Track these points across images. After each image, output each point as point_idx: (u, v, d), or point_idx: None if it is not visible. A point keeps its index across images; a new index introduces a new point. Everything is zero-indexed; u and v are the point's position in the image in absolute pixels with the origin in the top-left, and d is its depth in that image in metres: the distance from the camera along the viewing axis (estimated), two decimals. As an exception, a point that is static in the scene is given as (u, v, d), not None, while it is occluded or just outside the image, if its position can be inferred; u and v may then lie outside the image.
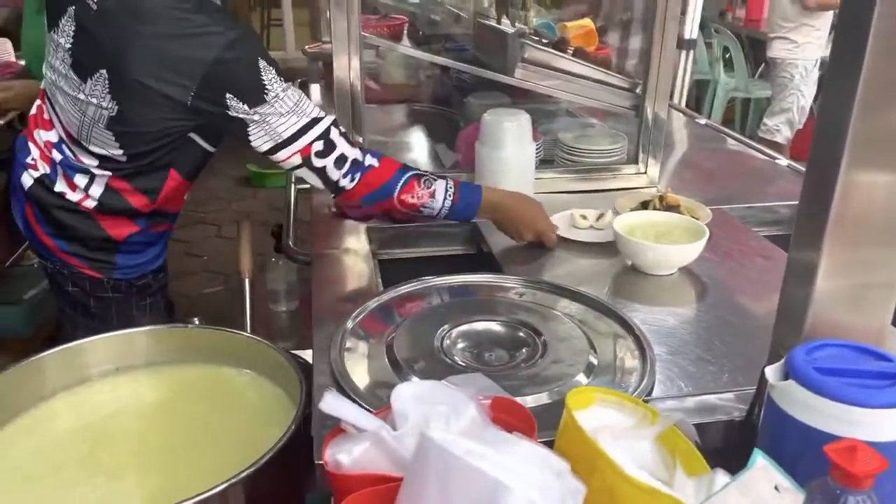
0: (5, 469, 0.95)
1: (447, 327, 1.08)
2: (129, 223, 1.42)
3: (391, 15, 3.11)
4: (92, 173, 1.36)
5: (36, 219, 1.44)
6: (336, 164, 1.29)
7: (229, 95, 1.21)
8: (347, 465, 0.72)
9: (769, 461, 0.60)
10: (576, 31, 2.70)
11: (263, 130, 1.24)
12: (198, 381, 1.10)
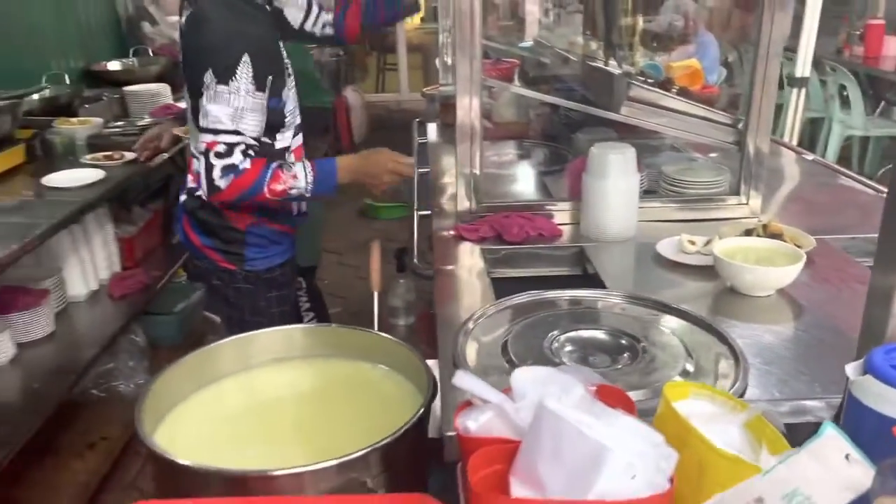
0: (187, 435, 1.16)
1: (556, 333, 1.22)
2: (246, 214, 1.73)
3: (503, 59, 3.33)
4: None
5: (190, 225, 1.77)
6: (222, 169, 1.53)
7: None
8: (474, 430, 0.87)
9: (839, 432, 0.70)
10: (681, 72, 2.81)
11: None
12: (342, 373, 1.29)
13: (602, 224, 1.69)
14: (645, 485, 0.76)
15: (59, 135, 2.58)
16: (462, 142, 1.77)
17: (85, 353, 2.21)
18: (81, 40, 3.74)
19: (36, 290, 2.24)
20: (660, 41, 2.52)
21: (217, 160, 1.53)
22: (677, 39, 2.44)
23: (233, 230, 1.74)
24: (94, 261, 2.52)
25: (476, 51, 1.69)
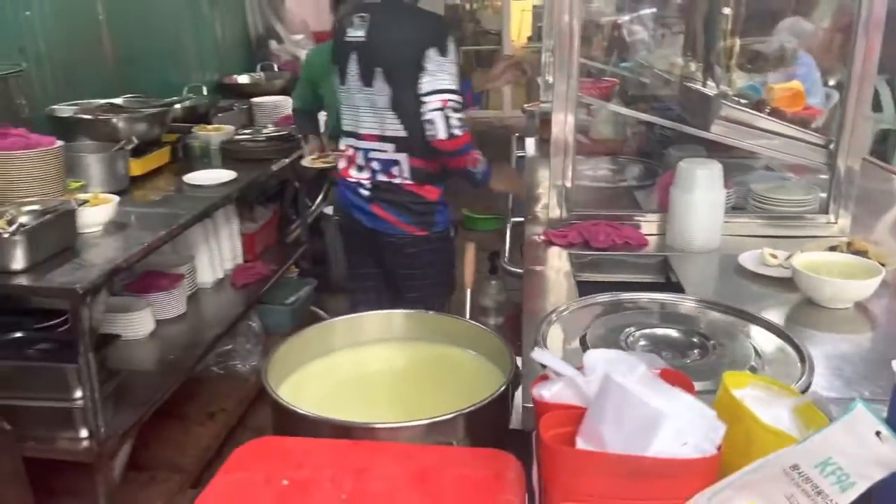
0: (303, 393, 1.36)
1: (632, 329, 1.33)
2: (436, 187, 2.22)
3: (603, 78, 3.43)
4: (397, 160, 2.15)
5: (384, 209, 2.21)
6: (459, 119, 2.04)
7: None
8: (548, 398, 1.01)
9: (869, 408, 0.79)
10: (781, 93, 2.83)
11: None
12: (436, 354, 1.45)
13: (687, 235, 1.78)
14: (694, 450, 0.88)
15: (197, 139, 2.91)
16: (556, 155, 1.91)
17: (209, 332, 2.48)
18: (217, 56, 4.14)
19: (173, 275, 2.54)
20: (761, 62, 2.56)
21: (453, 113, 2.04)
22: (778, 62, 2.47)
23: (425, 203, 2.21)
24: (221, 252, 2.82)
25: (573, 70, 1.83)
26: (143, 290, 2.43)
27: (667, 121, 2.06)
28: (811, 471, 0.81)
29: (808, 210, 1.90)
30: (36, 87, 2.66)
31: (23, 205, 1.80)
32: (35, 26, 2.66)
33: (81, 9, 2.94)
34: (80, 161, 2.25)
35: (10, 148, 1.93)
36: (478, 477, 0.96)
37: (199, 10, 3.94)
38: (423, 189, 2.19)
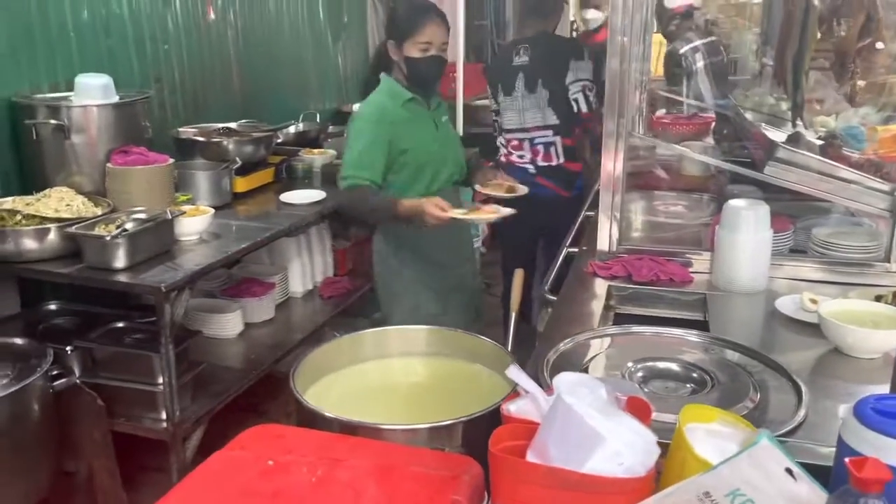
0: (331, 396, 1.50)
1: (634, 362, 1.37)
2: (576, 163, 3.07)
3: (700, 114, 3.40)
4: (553, 142, 3.02)
5: (546, 180, 3.06)
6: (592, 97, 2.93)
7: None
8: (513, 412, 1.09)
9: (775, 444, 0.81)
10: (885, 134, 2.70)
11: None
12: (455, 369, 1.56)
13: (730, 275, 1.77)
14: (627, 471, 0.93)
15: (301, 162, 3.19)
16: (606, 189, 1.96)
17: (293, 337, 2.71)
18: (337, 86, 4.49)
19: (266, 283, 2.80)
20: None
21: (588, 93, 2.99)
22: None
23: (572, 173, 3.08)
24: (312, 265, 3.07)
25: (623, 109, 1.88)
26: (237, 295, 2.71)
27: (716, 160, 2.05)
28: (722, 499, 0.84)
29: (870, 257, 1.83)
30: (168, 111, 3.05)
31: (132, 213, 2.10)
32: (171, 58, 3.06)
33: (215, 46, 3.33)
34: (191, 177, 2.56)
35: (129, 164, 2.25)
36: (436, 476, 1.05)
37: (324, 45, 4.30)
38: (571, 164, 3.06)
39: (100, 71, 2.56)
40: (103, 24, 2.69)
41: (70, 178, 2.30)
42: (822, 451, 1.12)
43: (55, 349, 1.97)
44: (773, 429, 1.15)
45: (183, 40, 3.12)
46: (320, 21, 4.23)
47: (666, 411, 1.16)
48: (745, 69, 5.71)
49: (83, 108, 2.29)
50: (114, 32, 2.74)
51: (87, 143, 2.30)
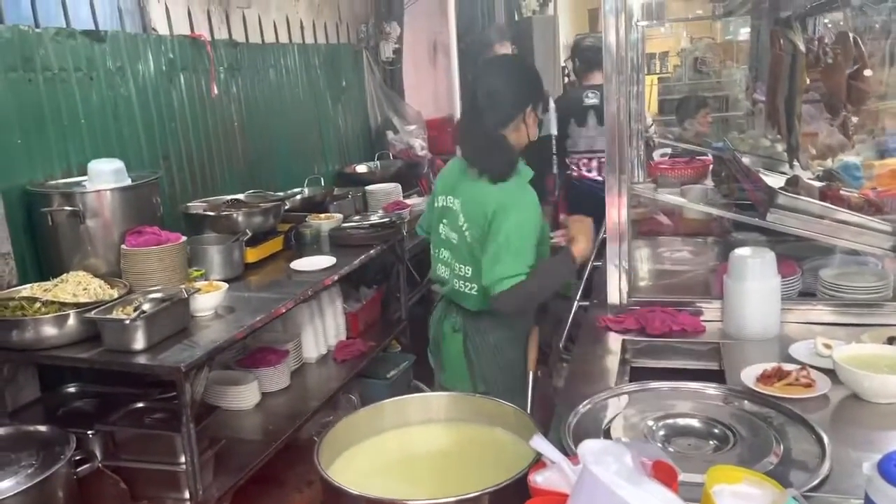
0: (354, 470, 1.51)
1: (654, 420, 1.38)
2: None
3: (697, 157, 3.46)
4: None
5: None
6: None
7: None
8: (540, 482, 1.10)
9: None
10: (881, 170, 2.74)
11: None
12: (476, 434, 1.56)
13: (741, 323, 1.79)
14: (658, 541, 0.94)
15: (309, 228, 3.24)
16: (612, 241, 2.00)
17: (311, 404, 2.71)
18: (339, 148, 4.58)
19: (280, 351, 2.82)
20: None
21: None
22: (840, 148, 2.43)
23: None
24: (325, 329, 3.09)
25: (623, 166, 1.93)
26: (252, 365, 2.72)
27: (728, 209, 2.08)
28: (755, 567, 0.85)
29: (879, 297, 1.85)
30: (177, 187, 3.12)
31: (148, 293, 2.14)
32: (178, 135, 3.15)
33: (219, 120, 3.42)
34: (203, 252, 2.60)
35: (143, 245, 2.30)
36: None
37: (325, 108, 4.41)
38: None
39: (109, 152, 2.64)
40: (112, 107, 2.78)
41: (86, 261, 2.35)
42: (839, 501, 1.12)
43: (77, 434, 1.98)
44: (799, 484, 1.16)
45: (189, 117, 3.21)
46: (319, 87, 4.34)
47: (691, 471, 1.17)
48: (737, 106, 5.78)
49: (97, 192, 2.35)
50: (122, 115, 2.82)
51: (102, 226, 2.35)
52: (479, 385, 2.11)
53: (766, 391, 1.46)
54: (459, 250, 2.06)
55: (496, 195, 1.94)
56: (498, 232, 1.91)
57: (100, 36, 2.72)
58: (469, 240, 2.02)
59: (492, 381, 2.09)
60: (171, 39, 3.12)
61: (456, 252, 2.08)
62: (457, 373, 2.18)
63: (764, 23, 3.28)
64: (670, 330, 1.87)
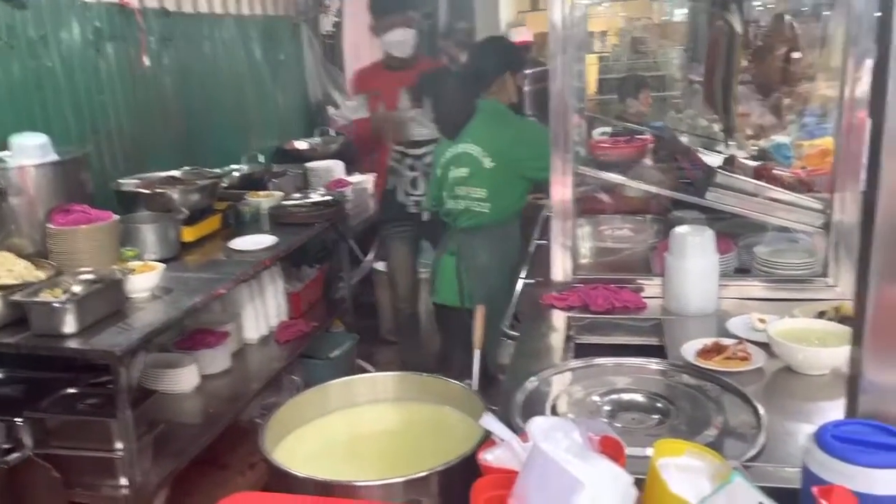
0: (301, 452, 1.49)
1: (600, 396, 1.41)
2: None
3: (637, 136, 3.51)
4: None
5: None
6: None
7: None
8: (490, 461, 1.10)
9: (748, 480, 0.85)
10: (810, 151, 2.84)
11: None
12: (424, 414, 1.56)
13: (681, 300, 1.83)
14: (607, 515, 0.96)
15: (248, 206, 3.15)
16: (558, 218, 2.01)
17: (252, 386, 2.66)
18: (278, 123, 4.46)
19: (219, 332, 2.75)
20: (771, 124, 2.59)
21: None
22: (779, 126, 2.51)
23: None
24: (266, 310, 3.02)
25: (569, 140, 1.94)
26: (190, 347, 2.64)
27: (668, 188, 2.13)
28: (701, 538, 0.87)
29: (810, 273, 1.92)
30: (107, 162, 2.98)
31: (79, 274, 2.04)
32: (107, 108, 3.00)
33: (152, 90, 3.27)
34: (136, 231, 2.50)
35: (71, 224, 2.19)
36: (419, 534, 1.06)
37: (262, 82, 4.27)
38: None
39: (33, 126, 2.49)
40: (35, 78, 2.63)
41: (9, 240, 2.22)
42: (785, 473, 1.16)
43: (5, 422, 1.89)
44: (738, 454, 1.20)
45: (119, 89, 3.06)
46: (256, 60, 4.21)
47: (636, 445, 1.19)
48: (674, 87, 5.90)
49: (20, 168, 2.22)
50: (46, 86, 2.67)
51: (27, 204, 2.23)
52: (466, 301, 2.75)
53: (706, 365, 1.50)
54: (475, 177, 2.70)
55: (510, 130, 2.73)
56: (533, 151, 2.52)
57: (21, 2, 2.56)
58: (487, 166, 2.67)
59: (478, 299, 2.44)
60: (98, 6, 2.96)
61: (472, 180, 2.71)
62: (448, 291, 2.84)
63: (701, 4, 3.33)
64: (613, 307, 1.90)
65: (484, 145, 2.69)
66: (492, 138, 2.69)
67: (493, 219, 2.74)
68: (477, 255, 2.78)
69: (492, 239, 2.78)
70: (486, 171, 2.69)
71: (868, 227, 0.97)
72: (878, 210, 0.95)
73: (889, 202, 0.94)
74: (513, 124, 2.78)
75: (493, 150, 2.67)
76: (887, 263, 0.96)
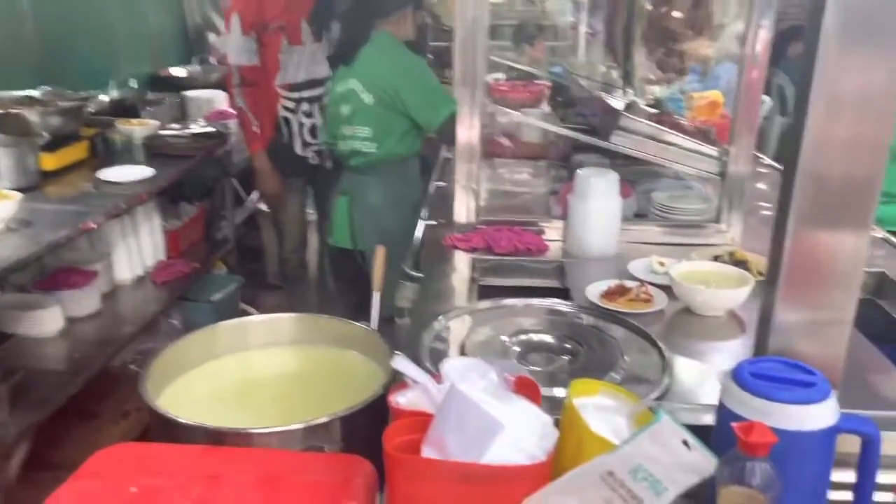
0: (189, 398, 1.36)
1: (509, 335, 1.37)
2: None
3: (535, 81, 3.49)
4: None
5: None
6: None
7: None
8: (403, 404, 1.04)
9: (673, 419, 0.84)
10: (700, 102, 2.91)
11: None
12: (323, 357, 1.47)
13: (584, 242, 1.83)
14: (527, 457, 0.92)
15: (119, 134, 2.87)
16: (462, 160, 1.95)
17: (125, 330, 2.45)
18: (150, 47, 4.07)
19: (86, 272, 2.50)
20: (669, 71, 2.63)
21: None
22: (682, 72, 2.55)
23: None
24: (140, 249, 2.78)
25: (477, 79, 1.86)
26: (53, 287, 2.39)
27: (573, 130, 2.11)
28: (625, 476, 0.85)
29: (704, 219, 1.97)
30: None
31: (-85, 201, 1.77)
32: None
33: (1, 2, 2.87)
34: (-14, 156, 2.20)
35: None
36: (326, 482, 0.98)
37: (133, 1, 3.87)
38: None
39: None
40: None
41: None
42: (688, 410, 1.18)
43: None
44: (645, 393, 1.21)
45: (-39, -7, 2.66)
46: (125, -25, 3.80)
47: (547, 385, 1.17)
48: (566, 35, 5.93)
49: None
50: None
51: None
52: (359, 243, 2.68)
53: (611, 307, 1.50)
54: (358, 115, 2.57)
55: (389, 62, 2.55)
56: (411, 86, 2.51)
57: None
58: (367, 102, 2.54)
59: (370, 241, 2.48)
60: None
61: (355, 118, 2.58)
62: (342, 233, 2.73)
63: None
64: (516, 249, 1.87)
65: (363, 79, 2.55)
66: (370, 71, 2.55)
67: (383, 159, 2.63)
68: (369, 196, 2.66)
69: (385, 179, 2.66)
70: (367, 107, 2.55)
71: (790, 176, 0.96)
72: (801, 159, 0.94)
73: (811, 151, 0.94)
74: (394, 57, 2.59)
75: (370, 83, 2.53)
76: (805, 211, 0.96)
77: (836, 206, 0.95)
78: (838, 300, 0.98)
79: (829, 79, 0.90)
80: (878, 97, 0.91)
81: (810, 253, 0.97)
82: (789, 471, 0.86)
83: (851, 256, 0.96)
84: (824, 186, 0.94)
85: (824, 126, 0.92)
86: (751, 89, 1.81)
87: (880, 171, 0.94)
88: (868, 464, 0.89)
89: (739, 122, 1.83)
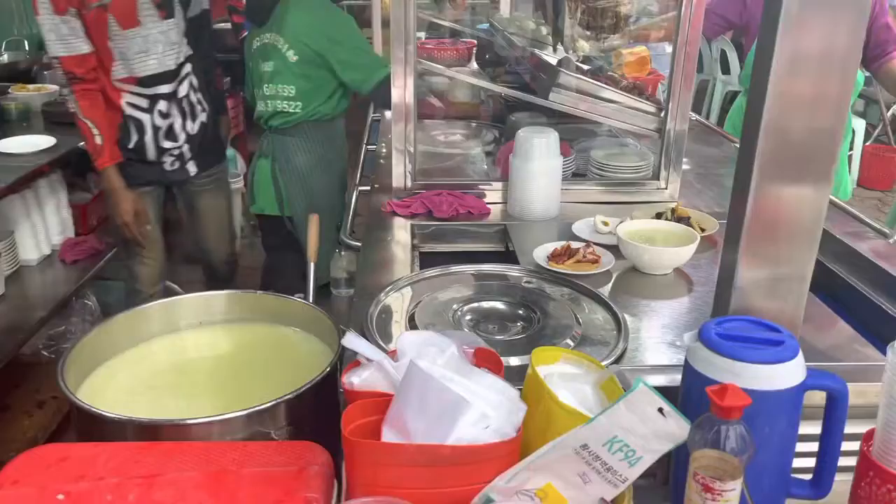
0: (114, 388, 1.25)
1: (459, 304, 1.32)
2: None
3: (462, 39, 3.40)
4: None
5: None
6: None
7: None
8: (357, 384, 0.97)
9: (650, 387, 0.81)
10: (629, 58, 2.89)
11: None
12: (261, 335, 1.38)
13: (526, 204, 1.78)
14: (496, 433, 0.87)
15: (14, 101, 2.62)
16: (397, 121, 1.86)
17: (35, 314, 2.27)
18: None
19: (-13, 253, 2.30)
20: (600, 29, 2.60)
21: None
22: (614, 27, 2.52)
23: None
24: (46, 226, 2.58)
25: (410, 36, 1.76)
26: (-51, 271, 2.18)
27: (504, 87, 2.05)
28: (599, 449, 0.82)
29: (642, 176, 1.96)
30: None
31: None
32: None
33: None
34: None
35: None
36: (279, 474, 0.91)
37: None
38: None
39: None
40: None
41: None
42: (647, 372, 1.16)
43: None
44: (602, 357, 1.18)
45: None
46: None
47: (505, 355, 1.12)
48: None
49: None
50: None
51: None
52: (286, 209, 2.58)
53: (559, 269, 1.47)
54: (281, 73, 2.44)
55: (317, 18, 2.42)
56: (341, 45, 2.42)
57: None
58: (291, 59, 2.41)
59: (298, 206, 2.52)
60: None
61: (278, 76, 2.45)
62: (266, 198, 2.61)
63: None
64: (457, 213, 1.81)
65: (286, 35, 2.42)
66: (294, 26, 2.41)
67: (307, 119, 2.51)
68: (293, 158, 2.56)
69: (309, 140, 2.56)
70: (292, 65, 2.43)
71: (752, 132, 0.93)
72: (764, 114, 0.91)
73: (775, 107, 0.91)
74: (322, 14, 2.46)
75: (294, 40, 2.41)
76: (768, 165, 0.94)
77: (799, 159, 0.93)
78: (799, 255, 0.97)
79: (792, 37, 0.87)
80: (839, 55, 0.89)
81: (772, 208, 0.95)
82: (759, 429, 0.85)
83: (813, 210, 0.95)
84: (787, 140, 0.92)
85: (788, 82, 0.89)
86: (689, 44, 1.79)
87: (841, 126, 0.92)
88: (835, 419, 0.89)
89: (676, 80, 1.81)
